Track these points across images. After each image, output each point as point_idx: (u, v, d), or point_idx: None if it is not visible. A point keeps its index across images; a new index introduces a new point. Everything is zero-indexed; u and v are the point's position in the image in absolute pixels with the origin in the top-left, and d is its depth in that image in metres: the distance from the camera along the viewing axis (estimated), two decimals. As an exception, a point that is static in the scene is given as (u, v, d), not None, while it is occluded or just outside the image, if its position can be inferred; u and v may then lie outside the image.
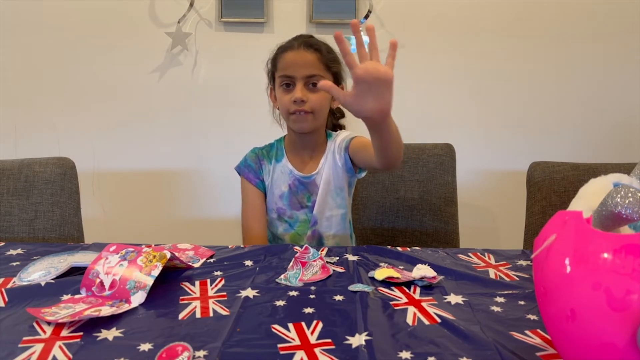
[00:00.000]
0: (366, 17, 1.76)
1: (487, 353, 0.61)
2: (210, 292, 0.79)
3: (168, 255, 0.80)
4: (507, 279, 0.86)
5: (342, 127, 1.32)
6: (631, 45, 1.84)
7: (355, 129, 1.37)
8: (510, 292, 0.80)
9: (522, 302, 0.76)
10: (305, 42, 1.17)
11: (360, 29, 0.78)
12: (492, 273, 0.89)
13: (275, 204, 1.23)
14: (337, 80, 1.20)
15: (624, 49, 1.84)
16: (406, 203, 1.44)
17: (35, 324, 0.67)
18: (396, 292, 0.79)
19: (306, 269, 0.87)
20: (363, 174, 1.24)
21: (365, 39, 0.74)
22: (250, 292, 0.79)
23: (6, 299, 0.75)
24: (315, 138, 1.22)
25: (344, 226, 1.24)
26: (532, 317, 0.72)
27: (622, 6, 1.82)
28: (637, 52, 1.84)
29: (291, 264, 0.89)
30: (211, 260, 0.94)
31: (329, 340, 0.64)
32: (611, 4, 1.82)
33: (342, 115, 1.32)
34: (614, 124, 1.90)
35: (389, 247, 1.01)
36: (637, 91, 1.87)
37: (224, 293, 0.79)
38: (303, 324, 0.69)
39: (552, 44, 1.85)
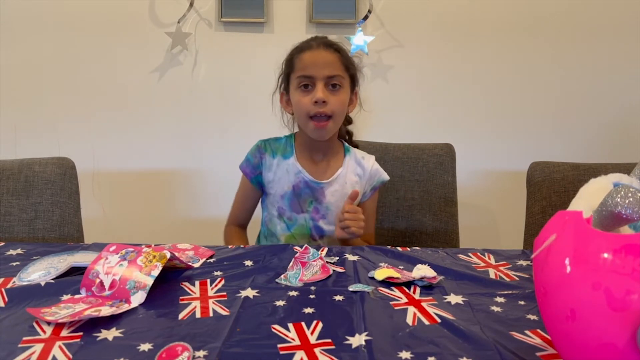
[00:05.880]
0: (366, 17, 1.76)
1: (487, 353, 0.61)
2: (210, 292, 0.79)
3: (168, 255, 0.80)
4: (507, 279, 0.86)
5: (350, 134, 1.30)
6: (631, 45, 1.84)
7: (360, 132, 1.36)
8: (510, 292, 0.80)
9: (522, 302, 0.76)
10: (324, 42, 1.16)
11: (360, 28, 0.78)
12: (492, 273, 0.89)
13: (277, 202, 1.21)
14: (354, 83, 1.19)
15: (624, 49, 1.84)
16: (406, 203, 1.44)
17: (35, 324, 0.67)
18: (396, 292, 0.79)
19: (306, 269, 0.87)
20: None
21: (365, 38, 0.74)
22: (250, 292, 0.79)
23: (6, 299, 0.75)
24: (329, 142, 1.19)
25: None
26: (532, 317, 0.72)
27: (622, 6, 1.81)
28: (637, 52, 1.84)
29: (291, 264, 0.89)
30: (211, 260, 0.94)
31: (329, 340, 0.64)
32: (611, 4, 1.82)
33: (350, 122, 1.29)
34: (614, 123, 1.90)
35: (389, 247, 1.01)
36: (637, 91, 1.87)
37: (224, 293, 0.79)
38: (303, 324, 0.69)
39: (552, 44, 1.85)
